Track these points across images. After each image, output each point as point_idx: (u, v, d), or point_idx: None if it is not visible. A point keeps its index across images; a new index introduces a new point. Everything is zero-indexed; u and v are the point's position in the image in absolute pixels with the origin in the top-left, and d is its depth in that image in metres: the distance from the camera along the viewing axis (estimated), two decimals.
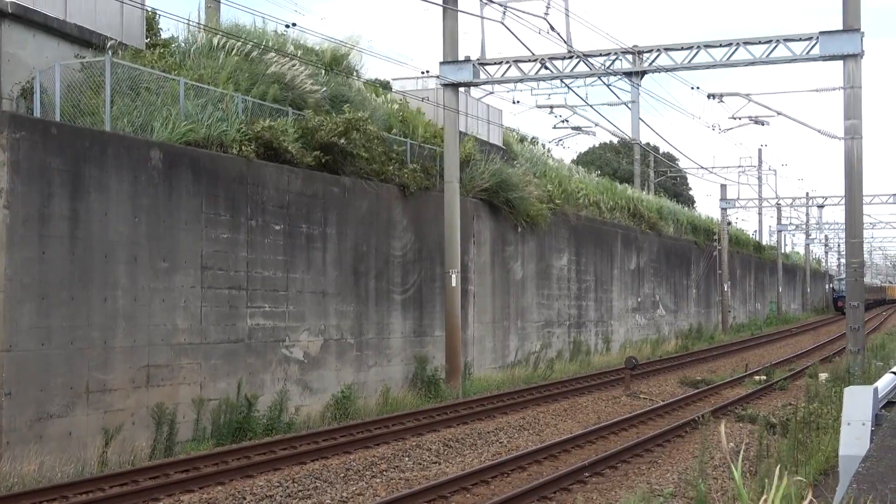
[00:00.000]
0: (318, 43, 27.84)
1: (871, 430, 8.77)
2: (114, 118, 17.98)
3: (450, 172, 26.38)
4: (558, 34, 26.45)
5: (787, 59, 25.24)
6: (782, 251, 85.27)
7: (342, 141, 22.53)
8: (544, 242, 33.93)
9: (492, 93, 41.02)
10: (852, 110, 24.99)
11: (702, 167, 63.63)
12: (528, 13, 26.41)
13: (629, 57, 26.89)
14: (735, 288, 64.39)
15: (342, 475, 15.89)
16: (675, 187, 79.53)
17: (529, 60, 27.10)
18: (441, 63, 26.99)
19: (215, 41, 23.04)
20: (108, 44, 20.26)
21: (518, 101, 61.65)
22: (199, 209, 18.79)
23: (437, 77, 27.86)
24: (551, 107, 52.28)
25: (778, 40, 25.09)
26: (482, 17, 27.00)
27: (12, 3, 19.00)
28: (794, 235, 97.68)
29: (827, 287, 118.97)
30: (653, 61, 26.54)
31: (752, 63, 25.51)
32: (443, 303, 26.57)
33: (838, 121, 26.37)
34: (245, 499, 14.37)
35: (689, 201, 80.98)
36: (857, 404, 8.94)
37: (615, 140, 73.15)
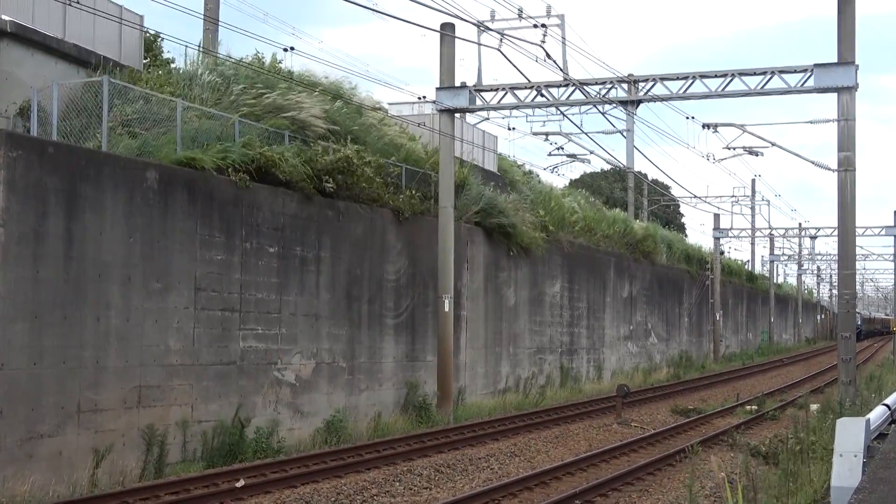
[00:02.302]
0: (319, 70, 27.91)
1: (863, 462, 8.78)
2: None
3: (444, 198, 26.42)
4: (554, 62, 26.67)
5: (781, 90, 25.37)
6: (775, 281, 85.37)
7: (338, 177, 22.50)
8: (537, 269, 33.95)
9: (487, 119, 41.20)
10: (846, 142, 25.10)
11: (695, 196, 63.85)
12: (524, 41, 26.65)
13: (624, 86, 27.00)
14: (727, 317, 64.43)
15: (333, 499, 15.84)
16: (668, 216, 79.67)
17: (525, 87, 27.21)
18: (438, 89, 27.09)
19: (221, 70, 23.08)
20: (110, 64, 20.32)
21: (513, 128, 61.75)
22: (194, 230, 18.80)
23: (434, 102, 27.96)
24: (546, 134, 52.40)
25: (773, 72, 25.22)
26: (479, 44, 27.22)
27: (11, 22, 19.07)
28: (786, 266, 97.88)
29: (819, 318, 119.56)
30: (648, 90, 26.66)
31: (748, 94, 25.63)
32: (435, 328, 26.55)
33: (832, 152, 26.46)
34: None
35: (681, 229, 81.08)
36: (850, 436, 8.95)
37: (609, 168, 73.31)
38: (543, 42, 26.99)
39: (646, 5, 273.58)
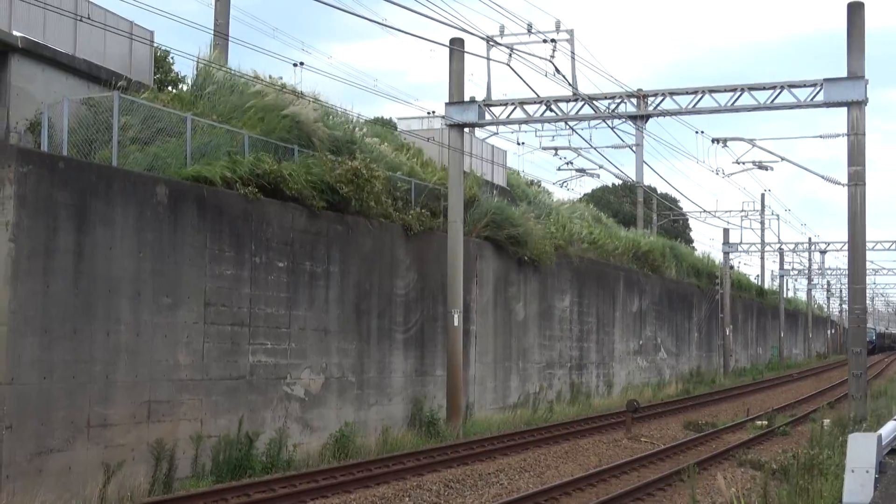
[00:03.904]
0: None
1: (875, 478, 8.74)
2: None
3: (454, 213, 26.42)
4: (563, 77, 26.64)
5: (791, 104, 25.38)
6: (784, 296, 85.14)
7: (346, 189, 22.54)
8: (547, 283, 33.91)
9: (496, 134, 41.17)
10: (856, 157, 25.08)
11: (705, 211, 63.71)
12: (534, 55, 26.62)
13: (634, 100, 27.00)
14: (737, 332, 64.25)
15: None
16: (677, 230, 79.57)
17: (535, 102, 27.23)
18: (447, 104, 27.13)
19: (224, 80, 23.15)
20: (118, 81, 20.41)
21: (523, 143, 61.64)
22: (204, 245, 18.83)
23: (443, 117, 27.98)
24: (556, 148, 52.36)
25: (783, 86, 25.23)
26: (488, 59, 27.19)
27: (22, 38, 19.16)
28: (796, 280, 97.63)
29: (829, 332, 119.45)
30: (657, 105, 26.66)
31: (757, 108, 25.63)
32: (444, 342, 26.52)
33: (842, 166, 26.43)
34: None
35: (690, 244, 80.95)
36: (861, 451, 8.91)
37: (619, 182, 73.27)
38: (552, 57, 26.92)
39: (655, 20, 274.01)
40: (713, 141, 38.01)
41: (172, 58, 26.24)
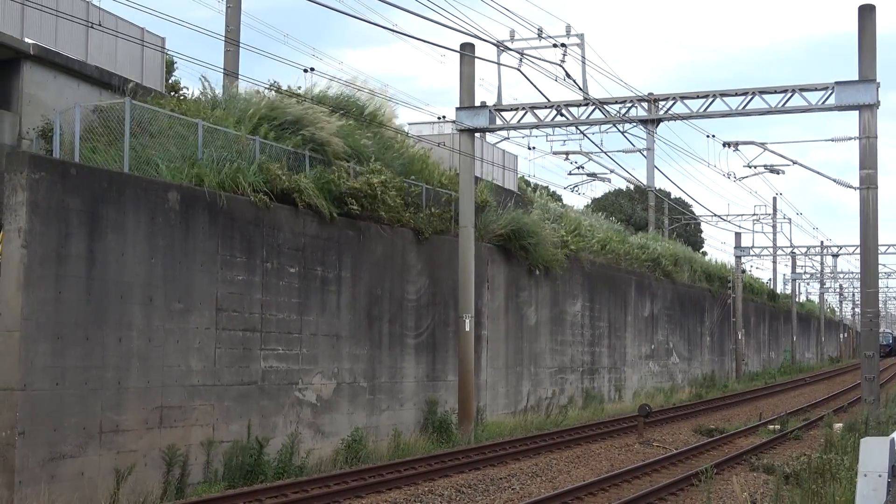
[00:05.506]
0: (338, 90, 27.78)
1: (888, 482, 8.71)
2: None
3: (465, 217, 26.43)
4: (574, 81, 26.62)
5: (802, 108, 25.33)
6: (797, 300, 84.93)
7: (361, 201, 22.57)
8: (558, 288, 33.89)
9: (507, 138, 41.20)
10: (868, 160, 25.03)
11: (716, 215, 63.62)
12: (544, 60, 26.61)
13: (644, 104, 26.97)
14: (749, 336, 64.10)
15: None
16: (688, 234, 79.43)
17: (545, 107, 27.22)
18: (457, 109, 27.15)
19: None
20: (129, 85, 20.45)
21: (533, 147, 61.62)
22: (215, 251, 18.86)
23: (454, 122, 27.99)
24: (567, 153, 52.33)
25: (793, 90, 25.19)
26: (499, 64, 27.19)
27: (34, 45, 19.22)
28: (808, 284, 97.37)
29: (842, 336, 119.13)
30: (668, 109, 26.63)
31: (768, 112, 25.58)
32: (456, 347, 26.52)
33: (854, 170, 26.37)
34: None
35: (702, 247, 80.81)
36: (874, 455, 8.89)
37: (630, 186, 73.19)
38: (563, 61, 26.90)
39: (665, 23, 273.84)
40: (724, 145, 37.98)
41: (176, 65, 26.26)
